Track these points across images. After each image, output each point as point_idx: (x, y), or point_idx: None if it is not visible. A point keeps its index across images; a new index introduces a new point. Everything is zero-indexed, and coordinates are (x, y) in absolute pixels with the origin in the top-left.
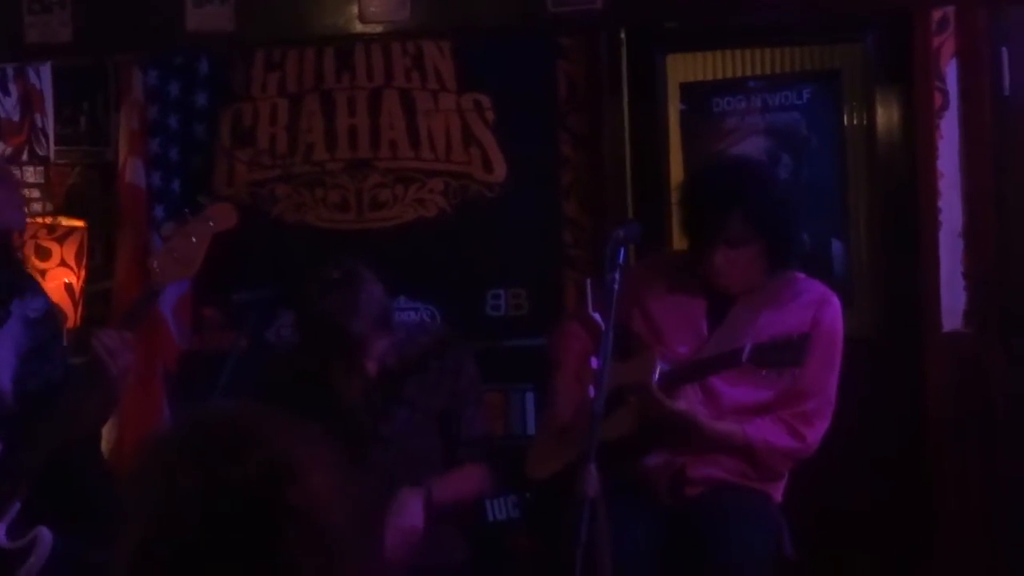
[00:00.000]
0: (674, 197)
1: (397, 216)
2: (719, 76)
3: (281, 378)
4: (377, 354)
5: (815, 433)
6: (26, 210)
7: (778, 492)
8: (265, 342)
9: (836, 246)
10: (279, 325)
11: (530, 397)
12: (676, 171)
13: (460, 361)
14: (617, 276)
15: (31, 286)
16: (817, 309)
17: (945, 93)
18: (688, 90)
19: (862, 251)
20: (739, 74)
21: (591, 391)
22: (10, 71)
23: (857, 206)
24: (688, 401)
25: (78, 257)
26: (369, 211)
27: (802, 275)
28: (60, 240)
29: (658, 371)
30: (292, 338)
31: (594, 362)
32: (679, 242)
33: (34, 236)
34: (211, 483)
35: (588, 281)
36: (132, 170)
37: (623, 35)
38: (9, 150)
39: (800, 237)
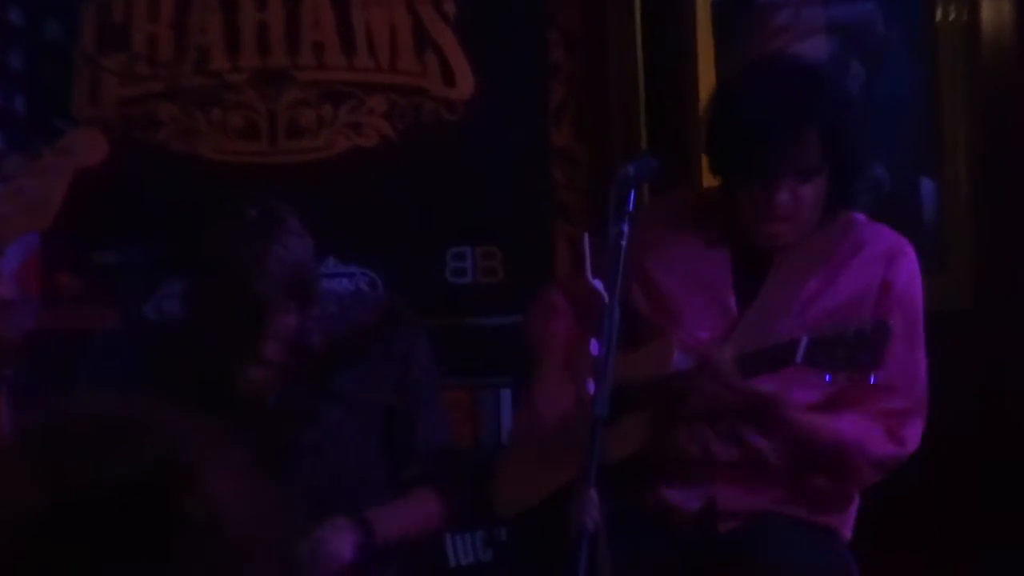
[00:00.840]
0: (705, 114)
1: (324, 147)
2: None
3: (164, 367)
4: (284, 332)
5: (915, 434)
6: None
7: (846, 525)
8: (142, 319)
9: (925, 186)
10: (161, 296)
11: (506, 396)
12: (706, 83)
13: (411, 345)
14: (626, 229)
15: None
16: (887, 266)
17: None
18: None
19: (960, 194)
20: None
21: (590, 387)
22: None
23: (953, 132)
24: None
25: None
26: (285, 139)
27: (861, 217)
28: None
29: (673, 365)
30: (180, 313)
31: (594, 347)
32: (710, 181)
33: None
34: (72, 493)
35: (586, 236)
36: None
37: None
38: None
39: (869, 170)
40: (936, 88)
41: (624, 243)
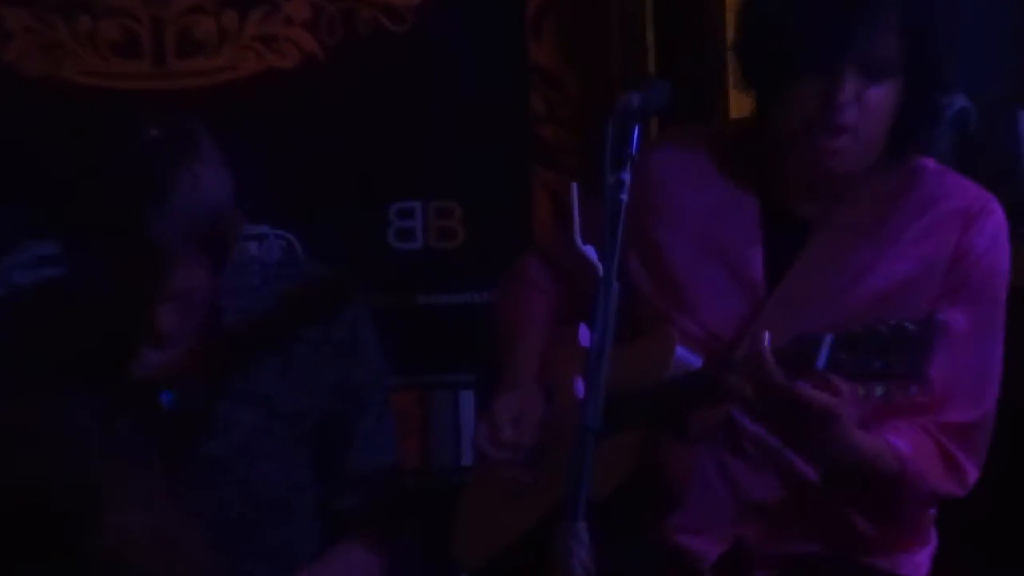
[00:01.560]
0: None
1: (226, 68)
2: None
3: (36, 346)
4: (189, 298)
5: (977, 463)
6: None
7: (921, 564)
8: (7, 285)
9: None
10: (11, 265)
11: (467, 400)
12: None
13: (356, 335)
14: (627, 178)
15: None
16: (963, 230)
17: None
18: None
19: None
20: None
21: (578, 388)
22: None
23: None
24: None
25: None
26: (176, 58)
27: (931, 163)
28: None
29: (674, 366)
30: (56, 275)
31: (584, 336)
32: (737, 111)
33: None
34: None
35: (574, 188)
36: None
37: None
38: None
39: (955, 104)
40: None
41: (625, 197)
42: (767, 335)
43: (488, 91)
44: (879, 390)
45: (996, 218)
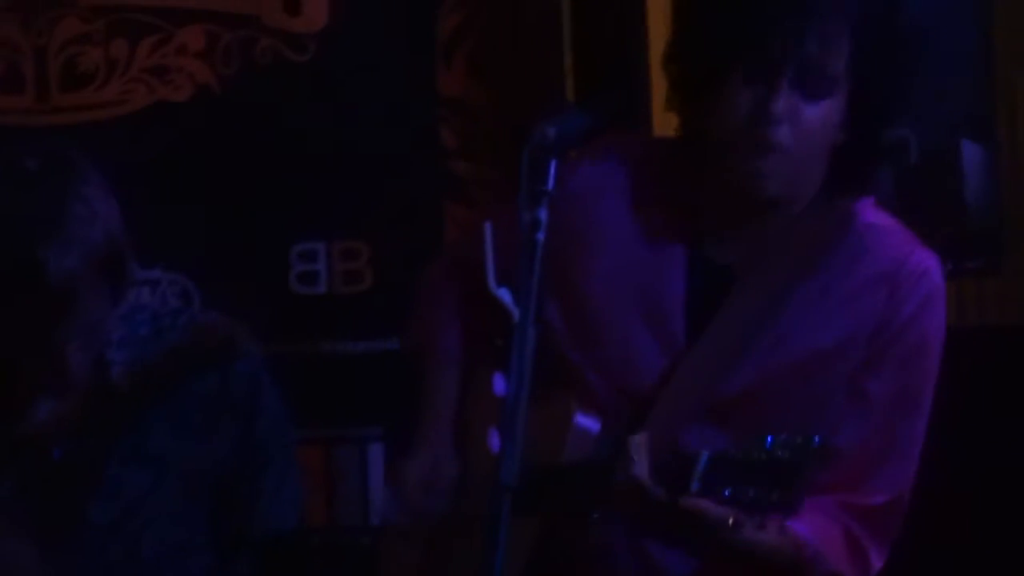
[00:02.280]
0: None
1: (115, 102)
2: None
3: None
4: (94, 334)
5: (884, 547)
6: None
7: None
8: None
9: (969, 152)
10: None
11: (375, 453)
12: (657, 3)
13: (255, 389)
14: (544, 216)
15: None
16: (890, 294)
17: None
18: None
19: (1021, 165)
20: None
21: (493, 442)
22: None
23: (1011, 78)
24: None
25: None
26: (60, 92)
27: (870, 209)
28: None
29: (571, 439)
30: None
31: (499, 384)
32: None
33: None
34: None
35: (488, 226)
36: None
37: None
38: None
39: (895, 133)
40: (987, 14)
41: (542, 236)
42: (643, 452)
43: (396, 123)
44: (755, 519)
45: (928, 282)
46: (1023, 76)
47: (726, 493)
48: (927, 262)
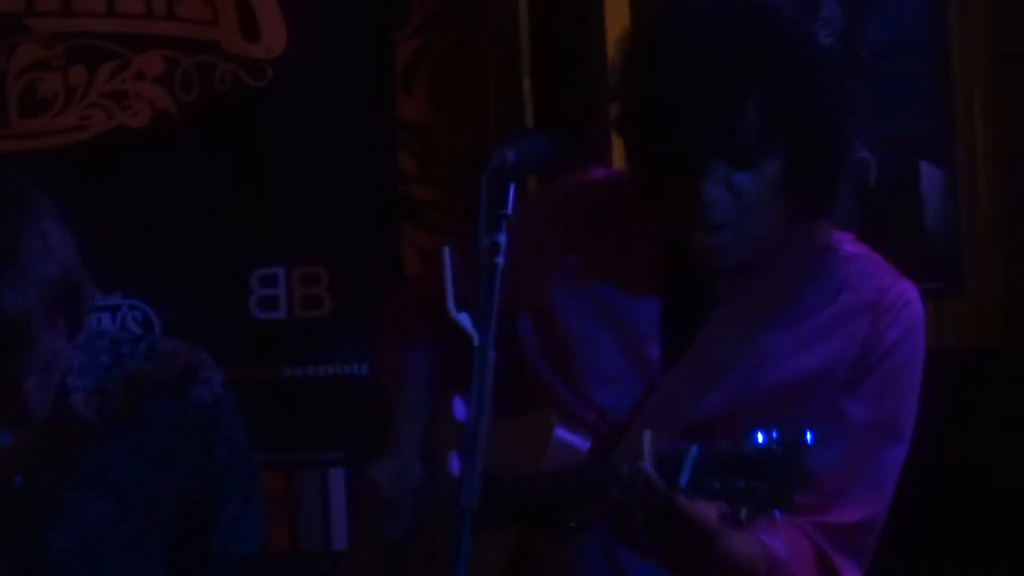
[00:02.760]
0: (613, 73)
1: (74, 127)
2: None
3: None
4: (51, 366)
5: (858, 568)
6: None
7: None
8: None
9: (928, 175)
10: None
11: (337, 478)
12: (616, 28)
13: (216, 415)
14: (503, 241)
15: None
16: (872, 322)
17: None
18: None
19: (980, 188)
20: None
21: (453, 465)
22: None
23: (968, 98)
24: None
25: None
26: (19, 117)
27: (849, 241)
28: None
29: (552, 452)
30: None
31: (459, 409)
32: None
33: None
34: None
35: (446, 251)
36: None
37: None
38: None
39: (854, 155)
40: (944, 36)
41: (501, 260)
42: (648, 445)
43: (355, 148)
44: (743, 513)
45: (911, 312)
46: (981, 97)
47: (716, 486)
48: (909, 293)
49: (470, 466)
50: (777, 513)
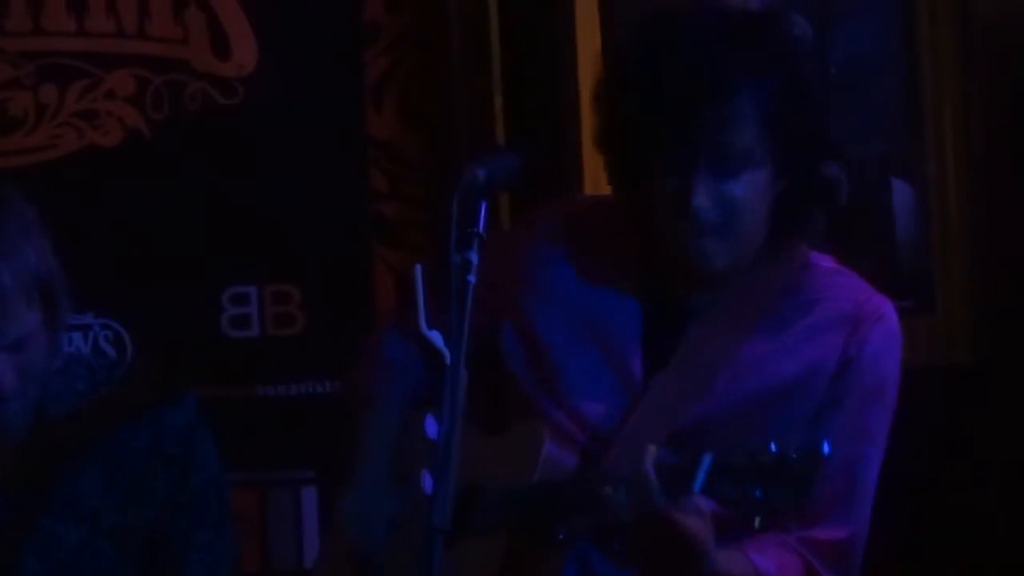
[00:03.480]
0: (602, 84)
1: (44, 146)
2: None
3: None
4: (30, 352)
5: (850, 568)
6: None
7: None
8: None
9: (899, 191)
10: None
11: (309, 497)
12: (589, 48)
13: (189, 440)
14: (474, 259)
15: None
16: (851, 333)
17: None
18: None
19: (951, 203)
20: None
21: (425, 483)
22: None
23: (939, 112)
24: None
25: None
26: None
27: (827, 260)
28: None
29: (542, 466)
30: None
31: (431, 426)
32: (595, 184)
33: None
34: None
35: (418, 269)
36: None
37: None
38: None
39: (836, 170)
40: (914, 50)
41: (472, 278)
42: (652, 451)
43: (326, 166)
44: (757, 521)
45: (887, 324)
46: (951, 113)
47: (731, 493)
48: (885, 307)
49: (442, 484)
50: (751, 554)
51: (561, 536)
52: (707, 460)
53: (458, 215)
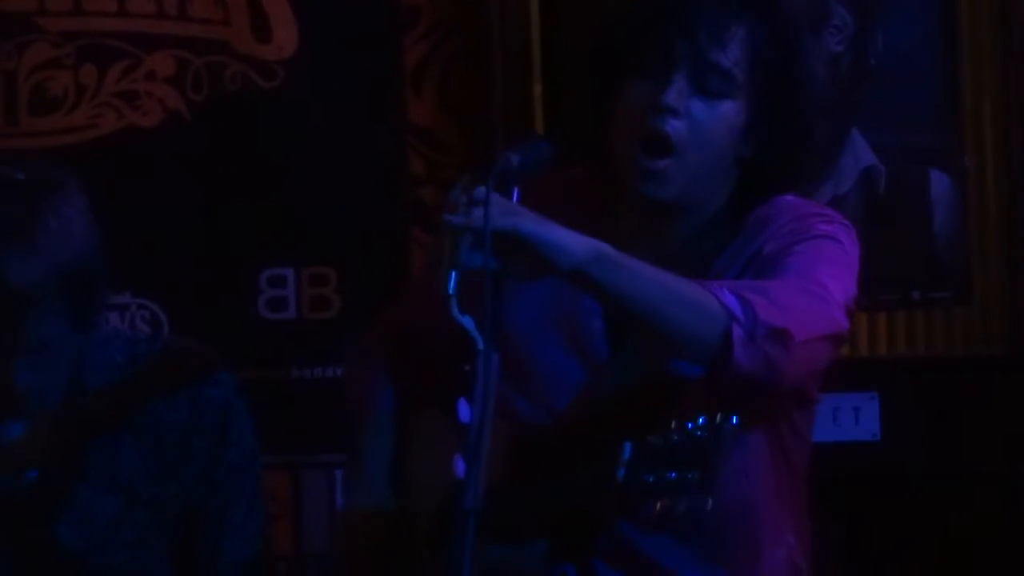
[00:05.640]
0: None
1: (84, 126)
2: None
3: None
4: (52, 352)
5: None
6: None
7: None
8: None
9: (938, 183)
10: None
11: (342, 479)
12: None
13: (226, 416)
14: None
15: None
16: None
17: None
18: None
19: (989, 196)
20: None
21: (458, 467)
22: None
23: (978, 104)
24: None
25: None
26: (29, 116)
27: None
28: None
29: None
30: None
31: (463, 411)
32: None
33: None
34: None
35: None
36: None
37: None
38: None
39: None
40: (955, 42)
41: None
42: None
43: (365, 150)
44: (682, 506)
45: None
46: (990, 105)
47: (649, 479)
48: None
49: (474, 467)
50: (708, 503)
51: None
52: (627, 448)
53: (492, 202)
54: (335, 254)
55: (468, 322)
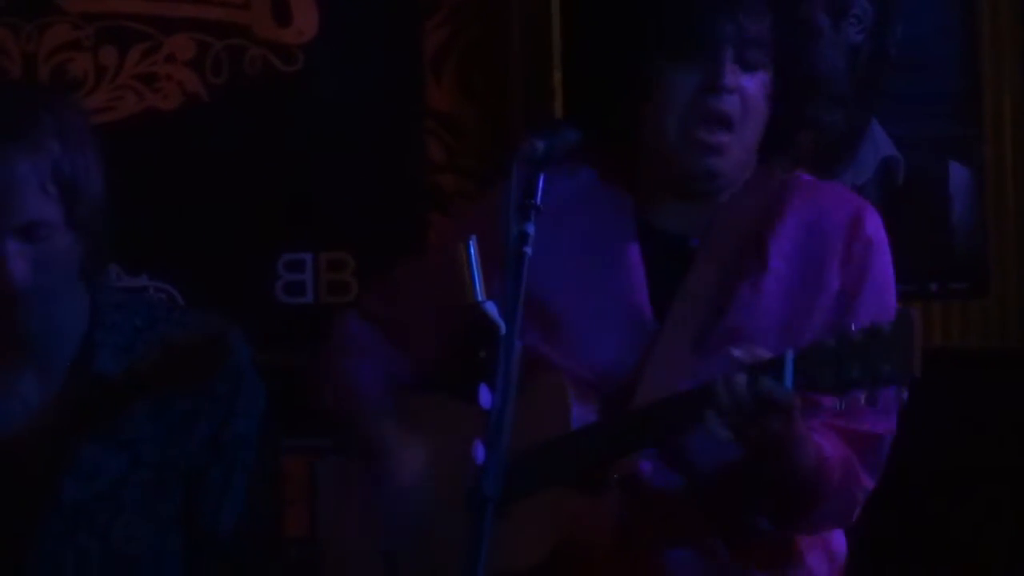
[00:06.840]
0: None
1: (104, 108)
2: None
3: None
4: (42, 234)
5: (875, 478)
6: None
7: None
8: None
9: (956, 174)
10: None
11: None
12: None
13: (239, 386)
14: (532, 230)
15: None
16: (850, 236)
17: None
18: None
19: (1007, 188)
20: None
21: (478, 451)
22: None
23: (997, 97)
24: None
25: None
26: None
27: (808, 178)
28: None
29: (575, 416)
30: None
31: (485, 397)
32: None
33: None
34: None
35: (472, 240)
36: None
37: None
38: None
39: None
40: (974, 35)
41: (529, 249)
42: (736, 356)
43: (383, 135)
44: (863, 397)
45: (876, 216)
46: (1010, 96)
47: (828, 380)
48: (869, 206)
49: (495, 453)
50: (900, 391)
51: (617, 476)
52: (790, 356)
53: (516, 186)
54: (353, 239)
55: (491, 307)
